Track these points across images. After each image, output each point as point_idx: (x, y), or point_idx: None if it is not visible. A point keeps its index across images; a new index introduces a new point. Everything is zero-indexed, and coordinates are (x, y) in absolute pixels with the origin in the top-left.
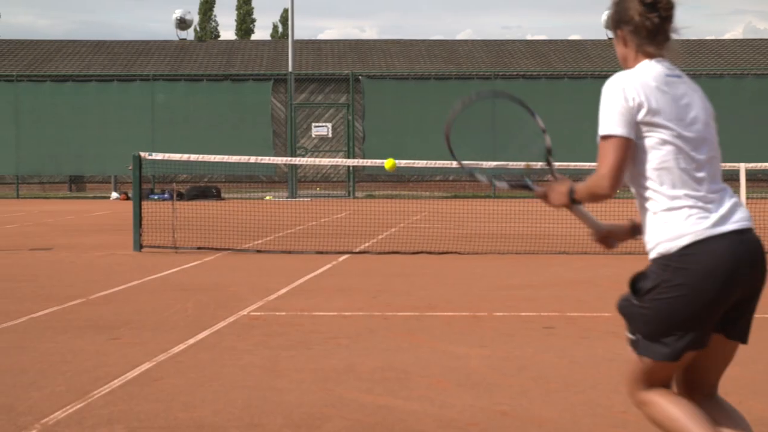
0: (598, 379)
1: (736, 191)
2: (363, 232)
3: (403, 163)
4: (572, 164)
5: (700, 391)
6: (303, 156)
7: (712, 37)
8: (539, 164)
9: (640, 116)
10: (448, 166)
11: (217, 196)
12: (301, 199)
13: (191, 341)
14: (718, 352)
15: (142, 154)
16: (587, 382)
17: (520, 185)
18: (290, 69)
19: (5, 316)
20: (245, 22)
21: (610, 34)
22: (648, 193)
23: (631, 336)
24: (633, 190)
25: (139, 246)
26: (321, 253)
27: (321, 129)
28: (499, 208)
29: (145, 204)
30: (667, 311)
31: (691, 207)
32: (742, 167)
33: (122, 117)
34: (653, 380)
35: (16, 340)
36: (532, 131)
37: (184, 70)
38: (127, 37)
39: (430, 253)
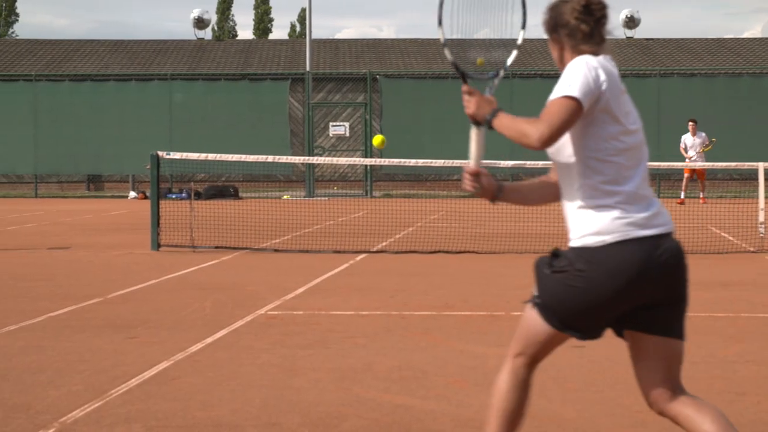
0: (616, 378)
1: (754, 191)
2: (380, 231)
3: (420, 162)
4: None
5: (666, 393)
6: (320, 155)
7: (731, 36)
8: (488, 72)
9: (602, 102)
10: (466, 165)
11: (235, 196)
12: (319, 199)
13: (209, 340)
14: (651, 351)
15: (160, 153)
16: (606, 382)
17: (461, 72)
18: (308, 68)
19: (23, 315)
20: (263, 21)
21: (629, 33)
22: (584, 182)
23: (534, 293)
24: (566, 175)
25: (156, 245)
26: (338, 252)
27: (338, 128)
28: (517, 208)
29: (162, 203)
30: (565, 295)
31: (620, 205)
32: (761, 166)
33: (140, 116)
34: (533, 344)
35: (34, 339)
36: (508, 31)
37: (201, 70)
38: (145, 36)
39: (447, 252)
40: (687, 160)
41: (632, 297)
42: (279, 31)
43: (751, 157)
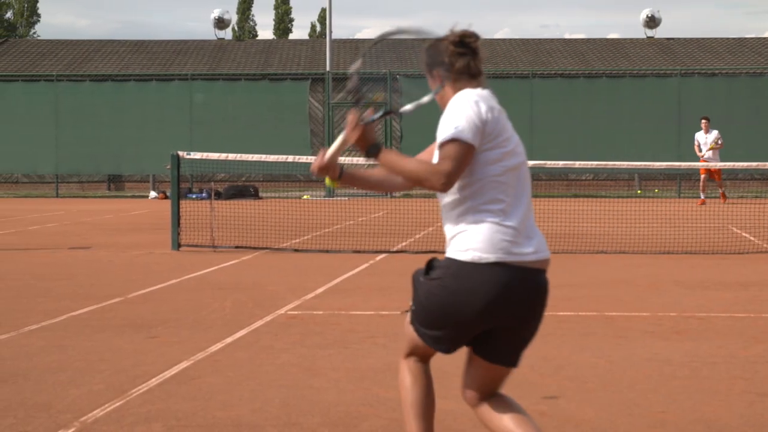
0: (635, 379)
1: None
2: (400, 231)
3: None
4: (610, 163)
5: (478, 396)
6: (341, 155)
7: (753, 35)
8: (381, 112)
9: (486, 131)
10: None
11: (255, 195)
12: (339, 198)
13: (229, 340)
14: (477, 366)
15: (181, 153)
16: (624, 382)
17: (359, 100)
18: (328, 68)
19: (44, 315)
20: (283, 21)
21: (649, 33)
22: (470, 203)
23: (411, 304)
24: (454, 194)
25: (177, 245)
26: (358, 252)
27: None
28: (537, 207)
29: (183, 203)
30: (431, 304)
31: (500, 228)
32: None
33: (161, 116)
34: (415, 348)
35: (56, 339)
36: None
37: (222, 70)
38: (166, 36)
39: None
40: (701, 158)
41: (489, 319)
42: (299, 31)
43: None
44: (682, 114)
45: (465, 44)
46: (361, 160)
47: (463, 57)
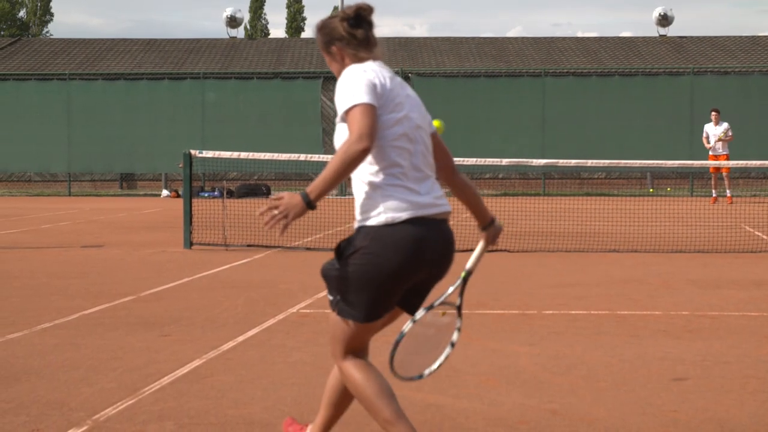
0: (648, 377)
1: None
2: None
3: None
4: (622, 162)
5: (363, 352)
6: None
7: (766, 34)
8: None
9: (379, 94)
10: (498, 163)
11: (267, 194)
12: (351, 197)
13: (241, 338)
14: (385, 321)
15: (193, 151)
16: (637, 381)
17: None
18: None
19: (57, 313)
20: (296, 20)
21: (662, 31)
22: (369, 168)
23: (330, 297)
24: None
25: (189, 243)
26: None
27: None
28: (549, 206)
29: (195, 201)
30: (359, 275)
31: (403, 187)
32: None
33: (173, 115)
34: (351, 342)
35: (68, 337)
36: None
37: (234, 69)
38: (178, 35)
39: None
40: (709, 150)
41: (411, 274)
42: (312, 30)
43: None
44: (695, 112)
45: (361, 17)
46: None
47: (360, 29)
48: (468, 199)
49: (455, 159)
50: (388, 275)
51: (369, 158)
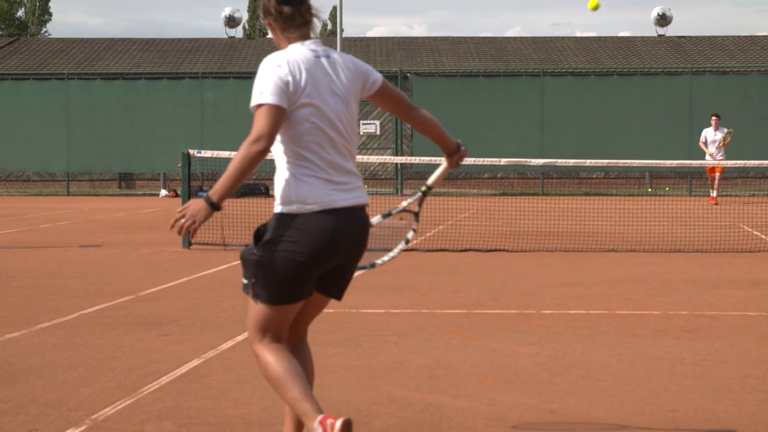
0: (647, 377)
1: None
2: None
3: None
4: (620, 161)
5: (297, 337)
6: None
7: (765, 33)
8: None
9: (290, 91)
10: (497, 163)
11: (265, 194)
12: None
13: (239, 338)
14: (314, 306)
15: (191, 151)
16: (636, 381)
17: None
18: None
19: (56, 313)
20: None
21: (660, 31)
22: (286, 159)
23: (244, 281)
24: (275, 150)
25: (188, 243)
26: (369, 250)
27: (369, 126)
28: (548, 206)
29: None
30: (275, 261)
31: (318, 178)
32: None
33: (171, 114)
34: (265, 326)
35: (67, 336)
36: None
37: (232, 68)
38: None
39: (478, 250)
40: (708, 155)
41: (323, 261)
42: None
43: None
44: (693, 112)
45: None
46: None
47: (288, 6)
48: (430, 132)
49: None
50: (300, 262)
51: (285, 150)
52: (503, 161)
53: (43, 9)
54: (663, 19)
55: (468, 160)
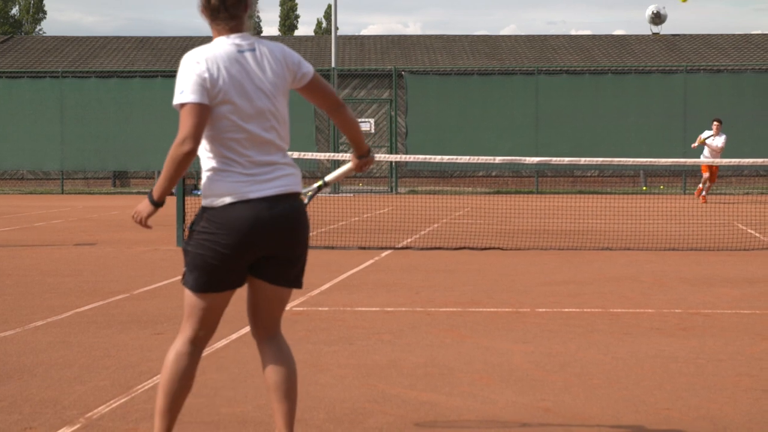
0: (641, 375)
1: None
2: (405, 227)
3: (446, 158)
4: (615, 160)
5: (263, 331)
6: (346, 152)
7: (759, 32)
8: None
9: (209, 88)
10: (491, 162)
11: None
12: (344, 195)
13: (233, 336)
14: (268, 298)
15: None
16: (630, 379)
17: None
18: (333, 64)
19: (50, 311)
20: (289, 17)
21: (655, 29)
22: (207, 153)
23: (184, 269)
24: (201, 148)
25: (182, 241)
26: (363, 248)
27: (364, 124)
28: (542, 204)
29: (188, 200)
30: (196, 251)
31: (234, 172)
32: None
33: (166, 113)
34: (192, 313)
35: (61, 335)
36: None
37: None
38: (172, 33)
39: (472, 248)
40: (698, 142)
41: (249, 250)
42: (305, 28)
43: None
44: (688, 110)
45: None
46: None
47: (209, 3)
48: (350, 132)
49: (448, 158)
50: (218, 251)
51: (205, 146)
52: (498, 159)
53: (38, 7)
54: (657, 18)
55: (463, 159)
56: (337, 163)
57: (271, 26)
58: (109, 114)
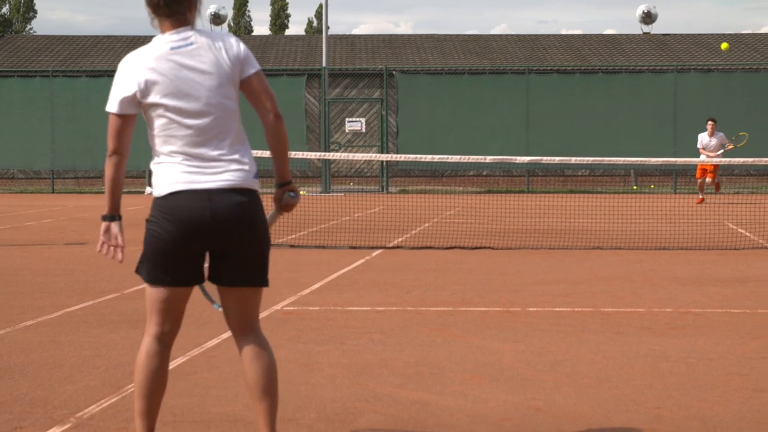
0: (632, 375)
1: None
2: (396, 227)
3: (437, 158)
4: (606, 159)
5: (239, 330)
6: (336, 151)
7: (749, 31)
8: None
9: (139, 94)
10: (482, 161)
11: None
12: (335, 194)
13: (224, 335)
14: (234, 300)
15: None
16: (621, 378)
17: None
18: (324, 64)
19: (40, 311)
20: (279, 17)
21: (645, 29)
22: (155, 149)
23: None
24: (149, 138)
25: None
26: (354, 248)
27: (354, 124)
28: (533, 203)
29: None
30: (146, 239)
31: (181, 164)
32: None
33: None
34: (150, 306)
35: (52, 334)
36: None
37: None
38: None
39: (463, 248)
40: (701, 155)
41: (193, 240)
42: (296, 27)
43: None
44: (678, 110)
45: None
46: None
47: None
48: (274, 152)
49: (439, 157)
50: (165, 240)
51: (151, 141)
52: (488, 159)
53: (28, 6)
54: (648, 17)
55: (453, 158)
56: (329, 163)
57: (261, 25)
58: (99, 113)
